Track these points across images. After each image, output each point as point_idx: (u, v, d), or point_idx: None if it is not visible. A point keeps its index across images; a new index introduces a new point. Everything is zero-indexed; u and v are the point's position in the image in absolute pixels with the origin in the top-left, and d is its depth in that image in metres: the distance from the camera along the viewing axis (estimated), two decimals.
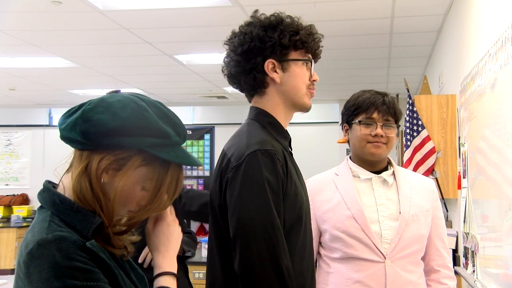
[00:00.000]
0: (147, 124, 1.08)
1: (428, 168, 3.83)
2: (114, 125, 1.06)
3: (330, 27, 4.81)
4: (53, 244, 0.98)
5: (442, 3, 4.17)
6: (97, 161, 1.07)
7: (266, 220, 1.38)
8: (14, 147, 10.11)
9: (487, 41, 2.60)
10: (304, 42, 1.55)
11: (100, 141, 1.07)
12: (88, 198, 1.07)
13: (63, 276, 0.96)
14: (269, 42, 1.52)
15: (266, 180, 1.40)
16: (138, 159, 1.09)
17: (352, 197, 1.94)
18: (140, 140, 1.07)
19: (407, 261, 1.91)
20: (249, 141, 1.47)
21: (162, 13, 4.45)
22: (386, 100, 1.98)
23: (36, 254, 0.98)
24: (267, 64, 1.53)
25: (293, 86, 1.56)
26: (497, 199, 2.35)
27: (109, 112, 1.07)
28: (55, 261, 0.96)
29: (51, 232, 1.01)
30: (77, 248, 1.00)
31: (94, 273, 1.00)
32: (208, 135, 9.76)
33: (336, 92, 8.06)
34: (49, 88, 7.89)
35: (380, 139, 1.94)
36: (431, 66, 5.96)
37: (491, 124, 2.44)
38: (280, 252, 1.38)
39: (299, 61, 1.56)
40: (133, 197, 1.11)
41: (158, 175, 1.11)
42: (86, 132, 1.07)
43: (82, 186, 1.07)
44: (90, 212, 1.07)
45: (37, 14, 4.46)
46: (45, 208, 1.09)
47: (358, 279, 1.88)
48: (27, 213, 9.63)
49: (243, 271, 1.38)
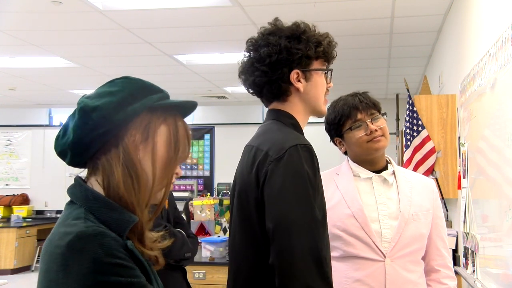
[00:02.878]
0: (142, 85, 1.09)
1: (428, 168, 3.83)
2: (117, 99, 1.05)
3: (330, 27, 4.79)
4: (95, 238, 0.94)
5: (442, 3, 4.17)
6: (128, 141, 1.04)
7: (308, 213, 1.40)
8: (14, 147, 10.11)
9: (487, 41, 2.60)
10: (326, 52, 1.62)
11: (115, 120, 1.03)
12: (127, 189, 1.03)
13: (106, 273, 0.93)
14: (297, 54, 1.56)
15: (306, 173, 1.42)
16: (155, 118, 1.08)
17: (352, 196, 1.95)
18: (147, 99, 1.07)
19: (407, 260, 1.91)
20: (286, 136, 1.50)
21: (162, 13, 4.45)
22: (361, 98, 2.01)
23: (77, 247, 0.93)
24: (292, 74, 1.57)
25: (314, 95, 1.61)
26: (497, 199, 2.35)
27: (103, 94, 1.06)
28: (98, 257, 0.93)
29: (89, 227, 0.97)
30: (118, 244, 0.97)
31: (136, 270, 0.98)
32: (208, 135, 9.77)
33: (336, 92, 8.01)
34: (49, 88, 7.90)
35: (376, 133, 1.96)
36: (431, 66, 5.96)
37: (491, 124, 2.44)
38: (320, 244, 1.40)
39: (320, 70, 1.62)
40: (170, 158, 1.09)
41: (174, 127, 1.11)
42: (100, 118, 1.02)
43: (125, 178, 1.03)
44: (125, 211, 1.03)
45: (37, 14, 4.47)
46: (76, 204, 1.04)
47: (357, 277, 1.88)
48: (27, 213, 9.64)
49: (282, 263, 1.38)
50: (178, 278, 2.41)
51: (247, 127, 9.09)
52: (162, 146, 1.08)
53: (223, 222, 4.65)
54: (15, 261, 8.47)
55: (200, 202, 4.76)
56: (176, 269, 2.40)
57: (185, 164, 9.68)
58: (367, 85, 7.45)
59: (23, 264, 8.67)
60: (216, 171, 9.70)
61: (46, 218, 9.56)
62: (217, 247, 4.19)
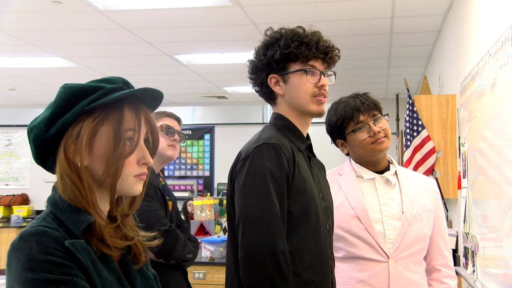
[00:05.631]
0: (75, 91, 1.11)
1: (428, 168, 3.83)
2: (49, 114, 1.10)
3: (330, 27, 4.81)
4: (33, 237, 1.00)
5: (442, 3, 4.17)
6: (65, 149, 1.09)
7: (266, 208, 1.47)
8: (14, 147, 10.11)
9: (487, 41, 2.60)
10: (296, 54, 1.61)
11: (49, 136, 1.10)
12: (73, 194, 1.08)
13: (38, 269, 0.97)
14: (264, 59, 1.63)
15: (268, 170, 1.49)
16: (89, 120, 1.09)
17: (355, 197, 1.95)
18: (80, 105, 1.09)
19: (410, 261, 1.91)
20: (259, 137, 1.58)
21: (162, 13, 4.45)
22: (362, 100, 2.00)
23: (17, 246, 1.00)
24: (269, 79, 1.64)
25: (294, 97, 1.63)
26: (497, 199, 2.35)
27: (46, 108, 1.13)
28: (32, 254, 0.98)
29: (35, 226, 1.03)
30: (57, 243, 1.01)
31: (71, 268, 1.00)
32: (208, 135, 9.76)
33: (336, 92, 8.01)
34: (49, 88, 7.88)
35: (379, 134, 1.96)
36: (431, 66, 5.96)
37: (491, 124, 2.44)
38: (277, 238, 1.45)
39: (298, 72, 1.62)
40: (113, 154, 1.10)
41: (116, 123, 1.11)
42: (35, 137, 1.11)
43: (67, 183, 1.08)
44: (83, 211, 1.08)
45: (37, 14, 4.46)
46: (48, 206, 1.11)
47: (361, 278, 1.88)
48: (27, 213, 9.63)
49: (243, 255, 1.46)
50: (179, 279, 2.41)
51: (247, 127, 9.08)
52: (102, 144, 1.10)
53: (223, 222, 4.65)
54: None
55: (200, 202, 4.76)
56: (177, 270, 2.40)
57: (185, 164, 9.68)
58: (367, 85, 7.45)
59: None
60: (216, 171, 9.69)
61: None
62: (217, 247, 4.19)
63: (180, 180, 9.59)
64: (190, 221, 4.93)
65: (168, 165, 9.55)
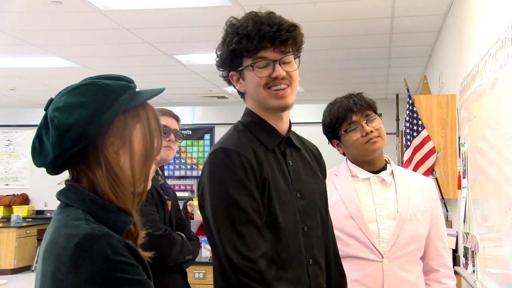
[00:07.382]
0: (110, 89, 1.09)
1: (428, 168, 3.83)
2: (90, 113, 1.06)
3: (330, 27, 4.81)
4: (102, 239, 0.98)
5: (442, 3, 4.17)
6: (108, 149, 1.07)
7: (219, 212, 1.44)
8: (14, 147, 10.11)
9: (487, 41, 2.60)
10: (240, 49, 1.48)
11: (91, 134, 1.05)
12: (115, 195, 1.07)
13: (116, 270, 0.97)
14: (220, 58, 1.57)
15: (218, 175, 1.46)
16: (129, 119, 1.10)
17: (350, 197, 1.95)
18: (118, 103, 1.08)
19: (405, 261, 1.91)
20: (219, 141, 1.55)
21: (162, 13, 4.45)
22: (355, 100, 1.99)
23: (86, 248, 0.97)
24: (231, 77, 1.58)
25: (252, 93, 1.55)
26: (497, 199, 2.35)
27: (74, 106, 1.06)
28: (107, 256, 0.97)
29: (94, 228, 1.00)
30: (122, 244, 1.01)
31: (139, 268, 1.02)
32: (208, 135, 9.76)
33: (336, 92, 8.01)
34: (49, 88, 7.89)
35: (372, 134, 1.95)
36: (431, 66, 5.96)
37: (491, 124, 2.44)
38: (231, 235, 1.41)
39: (247, 67, 1.51)
40: (147, 154, 1.13)
41: (146, 121, 1.13)
42: (77, 136, 1.05)
43: (114, 182, 1.07)
44: (122, 212, 1.07)
45: (37, 14, 4.47)
46: (73, 207, 1.06)
47: (355, 278, 1.88)
48: (27, 213, 9.64)
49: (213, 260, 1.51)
50: (178, 280, 2.39)
51: None
52: (140, 144, 1.12)
53: None
54: (15, 261, 8.47)
55: None
56: (176, 271, 2.39)
57: (185, 164, 9.69)
58: (367, 85, 7.45)
59: (23, 264, 8.68)
60: None
61: (46, 218, 9.54)
62: None
63: (180, 180, 9.59)
64: (190, 221, 4.93)
65: (168, 165, 9.55)
